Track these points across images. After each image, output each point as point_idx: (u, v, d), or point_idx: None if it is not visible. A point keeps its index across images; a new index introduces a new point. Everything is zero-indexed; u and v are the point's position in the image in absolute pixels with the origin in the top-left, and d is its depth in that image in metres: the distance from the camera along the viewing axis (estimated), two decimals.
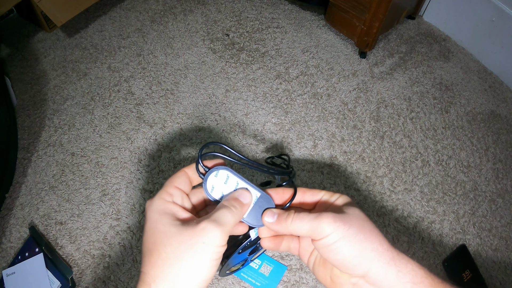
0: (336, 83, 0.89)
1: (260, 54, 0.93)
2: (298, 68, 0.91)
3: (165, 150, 0.77)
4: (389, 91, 0.89)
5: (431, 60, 0.96)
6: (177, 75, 0.88)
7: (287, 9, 1.03)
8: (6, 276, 0.62)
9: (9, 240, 0.66)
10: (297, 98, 0.86)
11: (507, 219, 0.73)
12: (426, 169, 0.77)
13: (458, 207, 0.73)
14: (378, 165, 0.77)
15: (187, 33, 0.97)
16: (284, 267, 0.63)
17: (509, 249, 0.69)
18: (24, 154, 0.75)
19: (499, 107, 0.89)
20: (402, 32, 1.01)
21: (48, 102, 0.83)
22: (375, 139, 0.81)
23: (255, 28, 0.98)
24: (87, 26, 0.97)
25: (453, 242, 0.69)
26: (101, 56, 0.91)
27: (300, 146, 0.78)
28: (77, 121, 0.80)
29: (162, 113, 0.82)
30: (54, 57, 0.91)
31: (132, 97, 0.84)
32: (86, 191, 0.71)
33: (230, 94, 0.86)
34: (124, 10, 1.01)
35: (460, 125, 0.85)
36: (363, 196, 0.73)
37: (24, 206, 0.70)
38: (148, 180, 0.73)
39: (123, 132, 0.79)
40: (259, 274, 0.63)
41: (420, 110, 0.86)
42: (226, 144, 0.47)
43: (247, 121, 0.82)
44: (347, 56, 0.94)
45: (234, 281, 0.62)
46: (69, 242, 0.66)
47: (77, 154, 0.76)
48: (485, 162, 0.80)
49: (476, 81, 0.93)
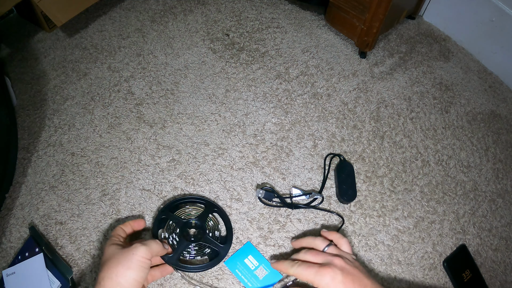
0: (336, 83, 0.89)
1: (260, 54, 0.93)
2: (298, 68, 0.91)
3: (165, 150, 0.77)
4: (389, 91, 0.89)
5: (431, 60, 0.96)
6: (177, 75, 0.88)
7: (287, 9, 1.03)
8: (6, 276, 0.62)
9: (9, 240, 0.66)
10: (297, 98, 0.86)
11: (507, 219, 0.73)
12: (426, 169, 0.77)
13: (458, 207, 0.73)
14: (378, 165, 0.77)
15: (187, 33, 0.97)
16: (279, 275, 0.63)
17: (509, 249, 0.69)
18: (24, 154, 0.75)
19: (499, 107, 0.89)
20: (402, 32, 1.01)
21: (48, 102, 0.83)
22: (375, 139, 0.81)
23: (255, 28, 0.98)
24: (87, 26, 0.97)
25: (453, 242, 0.69)
26: (101, 56, 0.91)
27: (300, 146, 0.78)
28: (77, 121, 0.80)
29: (162, 113, 0.82)
30: (54, 57, 0.91)
31: (132, 97, 0.84)
32: (86, 191, 0.71)
33: (230, 94, 0.86)
34: (124, 10, 1.01)
35: (460, 125, 0.85)
36: (363, 196, 0.73)
37: (24, 206, 0.70)
38: (148, 180, 0.73)
39: (123, 132, 0.79)
40: (253, 275, 0.63)
41: (420, 110, 0.86)
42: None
43: (247, 121, 0.82)
44: (347, 56, 0.94)
45: (234, 281, 0.62)
46: (69, 242, 0.66)
47: (77, 154, 0.76)
48: (485, 162, 0.80)
49: (476, 81, 0.93)
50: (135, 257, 0.52)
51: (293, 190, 0.71)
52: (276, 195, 0.69)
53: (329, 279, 0.52)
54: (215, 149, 0.77)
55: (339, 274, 0.52)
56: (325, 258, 0.55)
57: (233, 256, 0.64)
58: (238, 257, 0.64)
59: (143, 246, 0.53)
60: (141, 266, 0.52)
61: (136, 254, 0.52)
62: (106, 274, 0.50)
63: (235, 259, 0.64)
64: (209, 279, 0.62)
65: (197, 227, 0.65)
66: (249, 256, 0.64)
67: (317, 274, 0.53)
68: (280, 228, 0.68)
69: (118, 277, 0.50)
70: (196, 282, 0.61)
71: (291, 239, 0.67)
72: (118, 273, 0.50)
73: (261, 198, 0.69)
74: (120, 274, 0.50)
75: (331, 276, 0.52)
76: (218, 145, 0.78)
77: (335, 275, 0.52)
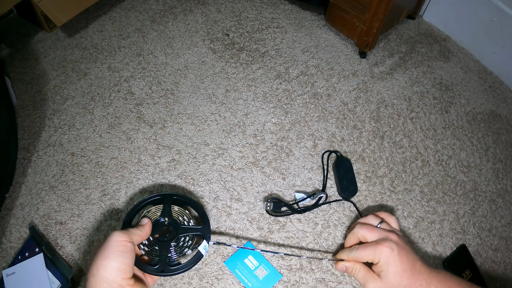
0: (336, 83, 0.89)
1: (260, 54, 0.93)
2: (298, 68, 0.91)
3: (165, 150, 0.77)
4: (389, 91, 0.89)
5: (431, 60, 0.96)
6: (177, 75, 0.88)
7: (287, 9, 1.03)
8: (6, 276, 0.62)
9: (9, 240, 0.66)
10: (297, 98, 0.86)
11: (507, 219, 0.73)
12: (426, 169, 0.77)
13: (458, 207, 0.73)
14: (378, 165, 0.77)
15: (187, 33, 0.97)
16: (279, 275, 0.63)
17: (509, 249, 0.69)
18: (24, 154, 0.75)
19: (499, 107, 0.89)
20: (402, 32, 1.01)
21: (48, 102, 0.83)
22: (375, 139, 0.81)
23: (255, 28, 0.98)
24: (87, 26, 0.97)
25: (453, 242, 0.69)
26: (101, 56, 0.91)
27: (300, 146, 0.78)
28: (77, 121, 0.80)
29: (162, 113, 0.82)
30: (54, 57, 0.91)
31: (132, 97, 0.84)
32: (86, 191, 0.71)
33: (230, 94, 0.86)
34: (124, 10, 1.01)
35: (460, 125, 0.85)
36: (363, 196, 0.73)
37: (24, 206, 0.70)
38: (148, 180, 0.73)
39: (123, 132, 0.79)
40: (252, 275, 0.63)
41: (420, 110, 0.86)
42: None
43: (247, 121, 0.82)
44: (347, 56, 0.94)
45: (234, 281, 0.62)
46: (69, 242, 0.66)
47: (77, 154, 0.76)
48: (485, 162, 0.80)
49: (476, 81, 0.93)
50: (111, 244, 0.47)
51: (297, 195, 0.71)
52: (283, 204, 0.69)
53: (387, 253, 0.53)
54: (215, 149, 0.77)
55: (395, 248, 0.53)
56: (380, 234, 0.57)
57: (233, 256, 0.64)
58: (238, 257, 0.64)
59: (117, 230, 0.49)
60: (120, 251, 0.47)
61: (111, 240, 0.48)
62: (90, 272, 0.47)
63: (235, 259, 0.64)
64: (209, 279, 0.62)
65: (168, 224, 0.59)
66: (249, 256, 0.64)
67: (376, 250, 0.54)
68: (280, 228, 0.68)
69: (99, 271, 0.46)
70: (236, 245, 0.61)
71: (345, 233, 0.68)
72: (98, 267, 0.46)
73: (269, 211, 0.69)
74: (100, 266, 0.46)
75: (389, 249, 0.53)
76: (218, 145, 0.78)
77: (393, 249, 0.53)
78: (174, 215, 0.60)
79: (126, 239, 0.48)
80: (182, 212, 0.61)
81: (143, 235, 0.53)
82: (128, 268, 0.47)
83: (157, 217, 0.59)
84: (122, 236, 0.48)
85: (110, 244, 0.47)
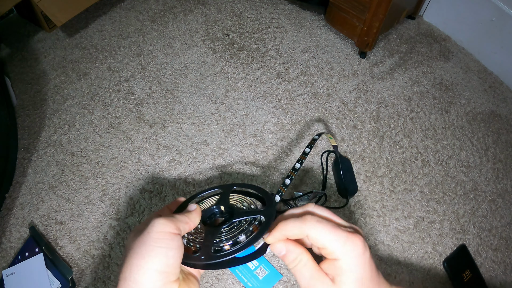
0: (336, 83, 0.89)
1: (260, 54, 0.93)
2: (298, 68, 0.91)
3: (165, 150, 0.77)
4: (389, 91, 0.89)
5: (431, 60, 0.96)
6: (177, 75, 0.88)
7: (287, 9, 1.03)
8: (6, 276, 0.62)
9: (9, 240, 0.66)
10: (297, 98, 0.86)
11: (507, 219, 0.73)
12: (426, 169, 0.77)
13: (458, 207, 0.73)
14: (378, 165, 0.77)
15: (187, 33, 0.97)
16: (279, 275, 0.63)
17: (509, 249, 0.69)
18: (24, 154, 0.75)
19: (499, 107, 0.89)
20: (402, 32, 1.01)
21: (48, 102, 0.83)
22: (375, 139, 0.81)
23: (255, 28, 0.98)
24: (87, 26, 0.97)
25: (453, 242, 0.69)
26: (101, 56, 0.91)
27: (300, 146, 0.78)
28: (77, 121, 0.80)
29: (162, 113, 0.82)
30: (54, 57, 0.91)
31: (132, 97, 0.84)
32: (86, 191, 0.71)
33: (230, 94, 0.86)
34: (124, 10, 1.01)
35: (460, 125, 0.85)
36: (363, 196, 0.73)
37: (24, 206, 0.70)
38: (148, 180, 0.73)
39: (123, 132, 0.79)
40: (253, 275, 0.62)
41: (420, 110, 0.86)
42: None
43: (247, 121, 0.82)
44: (347, 56, 0.94)
45: (234, 281, 0.62)
46: (69, 242, 0.66)
47: (77, 154, 0.76)
48: (485, 162, 0.80)
49: (476, 81, 0.93)
50: (151, 236, 0.34)
51: (297, 195, 0.71)
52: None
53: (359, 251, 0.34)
54: (215, 149, 0.77)
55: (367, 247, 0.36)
56: (348, 223, 0.38)
57: None
58: None
59: (160, 218, 0.36)
60: (164, 248, 0.34)
61: (152, 231, 0.35)
62: (121, 275, 0.35)
63: None
64: (209, 279, 0.62)
65: (225, 213, 0.46)
66: None
67: (348, 240, 0.34)
68: None
69: (132, 274, 0.34)
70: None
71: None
72: (132, 268, 0.34)
73: None
74: (135, 268, 0.34)
75: (362, 247, 0.35)
76: (218, 145, 0.78)
77: (366, 248, 0.35)
78: (232, 203, 0.47)
79: (172, 230, 0.36)
80: (243, 199, 0.48)
81: (191, 224, 0.40)
82: (173, 270, 0.35)
83: (210, 206, 0.46)
84: (167, 225, 0.35)
85: (151, 237, 0.34)
